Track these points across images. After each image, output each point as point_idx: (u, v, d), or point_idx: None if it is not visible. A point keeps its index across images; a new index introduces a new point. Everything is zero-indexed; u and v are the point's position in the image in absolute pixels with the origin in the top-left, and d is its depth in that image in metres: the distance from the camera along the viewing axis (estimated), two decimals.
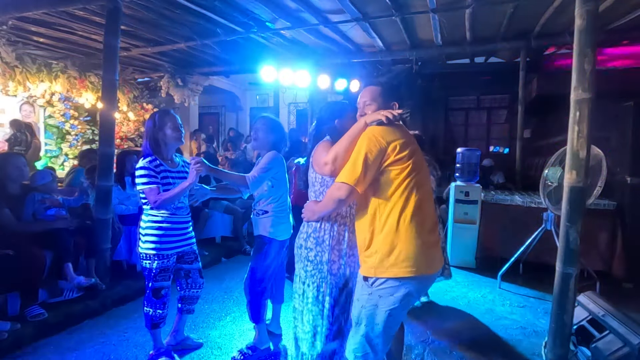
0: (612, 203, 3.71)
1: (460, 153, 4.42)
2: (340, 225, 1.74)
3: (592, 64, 1.76)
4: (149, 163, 2.10)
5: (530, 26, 4.66)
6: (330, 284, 1.74)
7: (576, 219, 1.76)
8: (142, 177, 2.07)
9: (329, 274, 1.74)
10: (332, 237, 1.74)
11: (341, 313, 1.74)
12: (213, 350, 2.48)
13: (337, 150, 1.56)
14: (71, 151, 6.56)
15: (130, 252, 3.73)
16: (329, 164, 1.58)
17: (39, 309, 2.65)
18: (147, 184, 2.07)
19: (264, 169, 2.19)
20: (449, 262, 3.94)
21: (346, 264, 1.75)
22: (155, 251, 2.14)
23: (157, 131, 2.18)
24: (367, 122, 1.53)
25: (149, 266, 2.15)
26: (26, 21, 4.31)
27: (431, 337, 2.68)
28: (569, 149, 1.83)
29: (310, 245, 1.78)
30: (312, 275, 1.76)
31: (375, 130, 1.49)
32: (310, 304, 1.76)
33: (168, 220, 2.17)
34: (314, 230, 1.77)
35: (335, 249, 1.74)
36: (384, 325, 1.45)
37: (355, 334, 1.53)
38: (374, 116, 1.51)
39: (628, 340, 1.94)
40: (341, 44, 5.51)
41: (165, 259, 2.17)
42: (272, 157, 2.23)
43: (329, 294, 1.73)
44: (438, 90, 7.59)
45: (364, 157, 1.44)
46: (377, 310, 1.45)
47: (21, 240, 2.69)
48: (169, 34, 4.94)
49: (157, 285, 2.18)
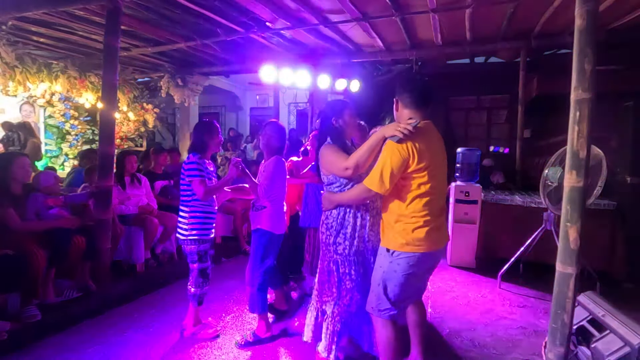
0: (612, 203, 3.71)
1: (460, 153, 4.42)
2: (346, 213, 2.05)
3: (592, 64, 1.76)
4: (197, 159, 2.47)
5: (530, 26, 4.67)
6: (336, 261, 2.09)
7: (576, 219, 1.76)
8: (190, 170, 2.44)
9: (335, 253, 2.09)
10: (338, 223, 2.07)
11: (353, 286, 2.07)
12: (213, 351, 2.48)
13: (357, 159, 1.86)
14: (71, 151, 6.56)
15: (130, 252, 3.73)
16: (350, 169, 1.87)
17: (34, 310, 2.65)
18: (194, 176, 2.42)
19: (270, 178, 2.47)
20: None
21: (351, 244, 2.05)
22: (201, 236, 2.50)
23: (207, 136, 2.57)
24: (387, 136, 1.77)
25: (197, 249, 2.50)
26: (26, 21, 4.32)
27: (431, 337, 2.68)
28: (569, 149, 1.82)
29: (323, 230, 2.14)
30: (325, 254, 2.15)
31: (395, 145, 1.74)
32: (326, 276, 2.15)
33: (208, 210, 2.55)
34: (326, 217, 2.13)
35: (341, 233, 2.06)
36: (400, 286, 1.82)
37: (377, 293, 1.86)
38: (392, 132, 1.74)
39: (628, 340, 1.94)
40: (341, 44, 5.51)
41: (208, 243, 2.56)
42: (276, 165, 2.50)
43: (336, 270, 2.10)
44: (438, 90, 7.55)
45: (390, 170, 1.72)
46: (396, 274, 1.81)
47: (22, 240, 2.69)
48: (169, 34, 4.95)
49: (204, 265, 2.54)
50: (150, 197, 4.07)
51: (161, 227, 3.89)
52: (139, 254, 3.70)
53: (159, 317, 2.94)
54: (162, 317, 2.95)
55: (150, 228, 3.72)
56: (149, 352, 2.44)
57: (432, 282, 3.74)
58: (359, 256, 2.08)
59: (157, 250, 3.98)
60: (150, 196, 4.08)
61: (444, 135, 1.99)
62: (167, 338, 2.62)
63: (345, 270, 2.09)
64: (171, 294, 3.40)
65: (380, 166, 1.75)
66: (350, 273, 2.08)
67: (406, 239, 1.79)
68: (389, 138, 1.76)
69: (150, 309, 3.08)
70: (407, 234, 1.79)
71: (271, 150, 2.57)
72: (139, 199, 3.91)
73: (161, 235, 3.94)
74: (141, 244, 3.70)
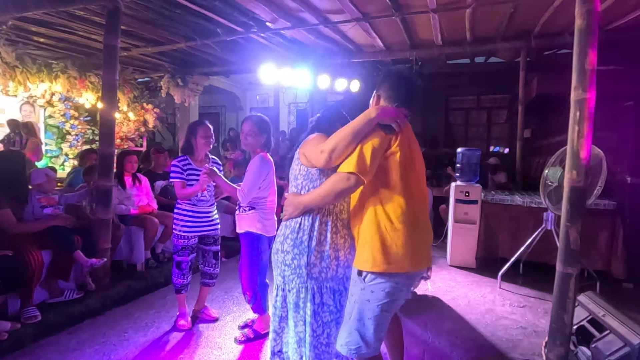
0: (612, 203, 3.71)
1: (461, 153, 4.41)
2: (321, 224, 1.58)
3: (592, 64, 1.76)
4: (178, 162, 2.61)
5: (530, 26, 4.66)
6: (312, 289, 1.60)
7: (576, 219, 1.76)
8: (172, 172, 2.59)
9: (309, 278, 1.58)
10: (312, 238, 1.57)
11: (331, 319, 1.64)
12: (213, 351, 2.48)
13: (336, 141, 1.46)
14: (71, 151, 6.56)
15: (130, 252, 3.73)
16: (325, 152, 1.47)
17: (34, 310, 2.65)
18: (174, 178, 2.59)
19: (252, 182, 2.33)
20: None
21: (328, 267, 1.58)
22: (179, 232, 2.63)
23: (191, 137, 2.65)
24: (379, 121, 1.48)
25: (175, 243, 2.67)
26: (26, 21, 4.31)
27: (431, 337, 2.68)
28: (569, 149, 1.83)
29: (287, 248, 1.61)
30: (291, 281, 1.62)
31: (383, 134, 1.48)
32: (292, 311, 1.64)
33: (191, 210, 2.65)
34: (291, 231, 1.61)
35: (316, 251, 1.57)
36: (375, 320, 1.49)
37: (348, 328, 1.54)
38: (389, 120, 1.48)
39: (628, 340, 1.94)
40: (341, 44, 5.51)
41: (185, 239, 2.65)
42: (259, 164, 2.35)
43: (310, 300, 1.60)
44: (438, 90, 7.59)
45: (371, 148, 1.43)
46: (370, 305, 1.48)
47: (19, 241, 2.69)
48: (169, 34, 4.94)
49: (179, 259, 2.67)
50: (150, 197, 4.07)
51: (161, 227, 3.89)
52: (139, 254, 3.70)
53: (159, 317, 2.94)
54: (162, 317, 2.95)
55: (150, 228, 3.72)
56: (149, 352, 2.44)
57: (432, 282, 3.74)
58: (337, 282, 1.64)
59: (157, 250, 3.99)
60: (150, 196, 4.09)
61: (444, 135, 1.99)
62: (167, 338, 2.62)
63: (321, 299, 1.62)
64: (171, 293, 3.39)
65: (359, 147, 1.45)
66: (328, 303, 1.63)
67: (381, 256, 1.44)
68: (379, 123, 1.48)
69: (150, 309, 3.08)
70: (382, 250, 1.45)
71: (255, 149, 2.45)
72: (139, 199, 3.92)
73: (161, 235, 3.94)
74: (141, 244, 3.71)
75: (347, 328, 1.54)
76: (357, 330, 1.51)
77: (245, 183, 2.33)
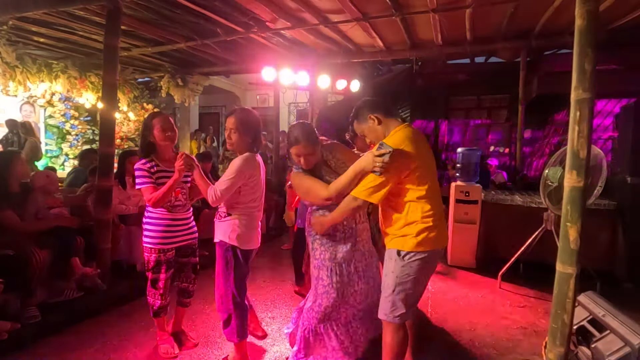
0: (612, 203, 3.71)
1: (461, 153, 4.41)
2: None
3: (592, 64, 1.76)
4: (142, 165, 2.21)
5: (530, 26, 4.66)
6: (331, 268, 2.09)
7: (576, 219, 1.76)
8: (137, 177, 2.20)
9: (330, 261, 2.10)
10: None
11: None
12: (213, 351, 2.48)
13: (339, 190, 1.86)
14: (71, 151, 6.57)
15: (130, 252, 3.73)
16: (332, 199, 1.90)
17: (34, 310, 2.64)
18: (142, 184, 2.19)
19: (228, 182, 2.00)
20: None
21: (327, 250, 2.10)
22: (152, 245, 2.27)
23: (148, 133, 2.24)
24: (368, 171, 1.77)
25: (147, 258, 2.30)
26: (26, 21, 4.32)
27: (431, 337, 2.68)
28: (569, 149, 1.82)
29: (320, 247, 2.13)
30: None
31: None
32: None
33: (166, 218, 2.28)
34: (320, 242, 2.14)
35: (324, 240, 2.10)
36: (413, 289, 1.85)
37: (391, 298, 1.86)
38: (372, 167, 1.73)
39: (628, 340, 1.94)
40: (341, 44, 5.51)
41: (161, 253, 2.28)
42: (239, 165, 2.01)
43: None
44: (438, 90, 7.59)
45: (380, 180, 1.74)
46: (409, 277, 1.83)
47: (21, 240, 2.68)
48: (169, 34, 4.95)
49: (154, 276, 2.31)
50: None
51: None
52: (139, 254, 3.70)
53: None
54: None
55: None
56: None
57: (432, 282, 3.73)
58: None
59: None
60: None
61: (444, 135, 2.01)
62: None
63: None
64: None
65: (371, 177, 1.77)
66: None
67: (415, 238, 1.82)
68: (372, 171, 1.76)
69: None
70: (416, 234, 1.82)
71: (241, 148, 2.10)
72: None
73: None
74: (141, 244, 3.70)
75: (391, 299, 1.86)
76: (400, 299, 1.84)
77: (220, 182, 2.01)
